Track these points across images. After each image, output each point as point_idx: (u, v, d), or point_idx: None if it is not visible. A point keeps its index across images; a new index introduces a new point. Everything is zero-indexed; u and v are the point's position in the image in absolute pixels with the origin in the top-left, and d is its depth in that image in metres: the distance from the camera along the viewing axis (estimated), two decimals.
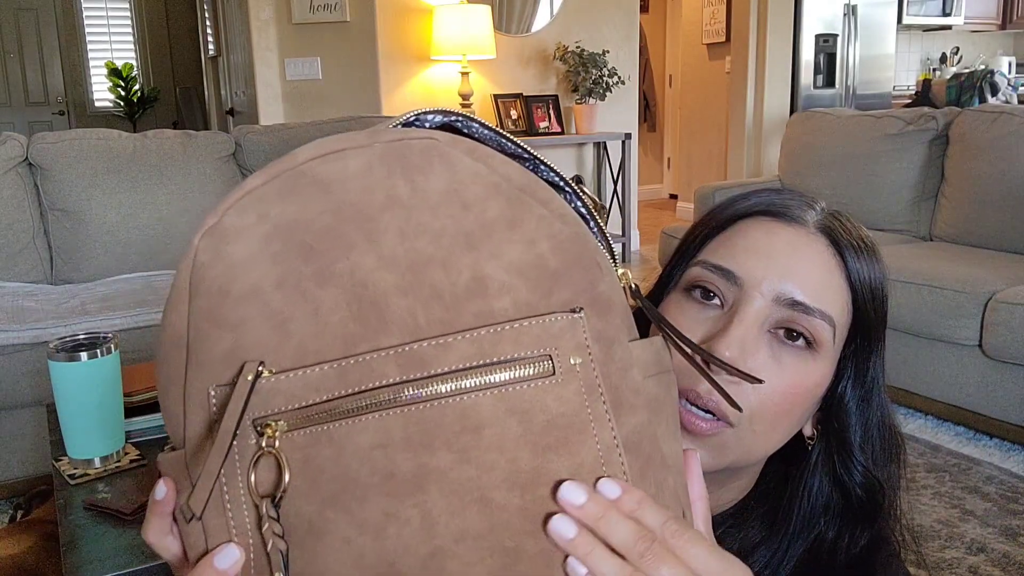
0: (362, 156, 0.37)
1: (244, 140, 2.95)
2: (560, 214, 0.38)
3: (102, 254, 2.66)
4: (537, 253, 0.37)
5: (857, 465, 0.57)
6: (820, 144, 3.51)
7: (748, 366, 0.51)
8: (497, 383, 0.36)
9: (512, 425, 0.36)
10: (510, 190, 0.37)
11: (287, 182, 0.37)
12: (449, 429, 0.36)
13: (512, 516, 0.36)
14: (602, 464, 0.37)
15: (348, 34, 4.05)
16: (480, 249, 0.37)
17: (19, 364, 2.10)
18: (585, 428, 0.37)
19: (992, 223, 2.87)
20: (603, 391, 0.37)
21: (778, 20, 5.13)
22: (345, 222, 0.37)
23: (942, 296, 2.46)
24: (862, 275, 0.55)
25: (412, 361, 0.36)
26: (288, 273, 0.37)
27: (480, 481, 0.36)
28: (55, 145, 2.63)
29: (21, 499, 1.82)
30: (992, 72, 5.31)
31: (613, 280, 0.39)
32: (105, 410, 1.26)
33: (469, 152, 0.38)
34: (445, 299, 0.37)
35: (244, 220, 0.37)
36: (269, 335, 0.37)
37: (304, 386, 0.37)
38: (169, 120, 7.28)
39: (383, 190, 0.37)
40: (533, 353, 0.36)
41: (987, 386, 2.40)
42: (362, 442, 0.36)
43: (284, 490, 0.37)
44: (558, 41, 4.45)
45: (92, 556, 1.03)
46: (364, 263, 0.37)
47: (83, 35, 7.15)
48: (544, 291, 0.37)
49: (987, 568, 1.79)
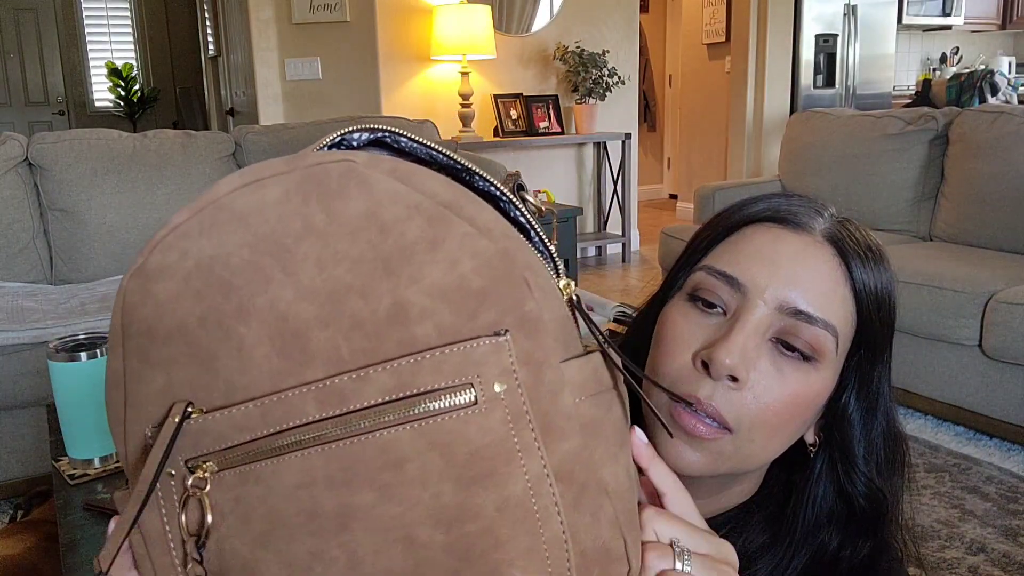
0: (279, 185, 0.36)
1: (244, 140, 2.95)
2: (487, 230, 0.36)
3: (102, 254, 2.66)
4: (459, 274, 0.35)
5: (860, 476, 0.57)
6: (820, 144, 3.51)
7: (748, 375, 0.51)
8: (416, 416, 0.35)
9: (434, 459, 0.35)
10: (432, 208, 0.35)
11: (207, 216, 0.37)
12: (370, 465, 0.35)
13: (436, 553, 0.35)
14: (531, 496, 0.35)
15: (348, 34, 4.05)
16: (399, 274, 0.35)
17: (19, 364, 2.10)
18: (512, 459, 0.35)
19: (992, 223, 2.87)
20: (531, 418, 0.35)
21: (778, 20, 5.13)
22: (262, 255, 0.36)
23: (942, 296, 2.46)
24: (868, 285, 0.54)
25: (331, 396, 0.35)
26: (210, 310, 0.37)
27: (404, 519, 0.35)
28: (55, 145, 2.64)
29: (21, 499, 1.82)
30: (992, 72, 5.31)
31: (545, 296, 0.36)
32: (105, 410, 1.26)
33: (390, 172, 0.36)
34: (366, 328, 0.35)
35: (167, 258, 0.37)
36: (197, 373, 0.37)
37: (230, 426, 0.36)
38: (169, 120, 7.28)
39: (299, 219, 0.36)
40: (454, 382, 0.35)
41: (987, 386, 2.40)
42: (287, 481, 0.36)
43: (207, 531, 0.37)
44: (558, 41, 4.45)
45: (92, 556, 1.03)
46: (283, 296, 0.36)
47: (83, 35, 7.15)
48: (468, 313, 0.35)
49: (987, 568, 1.79)
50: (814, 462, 0.58)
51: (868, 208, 3.30)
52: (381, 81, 4.06)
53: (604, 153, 4.76)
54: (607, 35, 4.63)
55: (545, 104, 4.45)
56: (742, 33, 5.22)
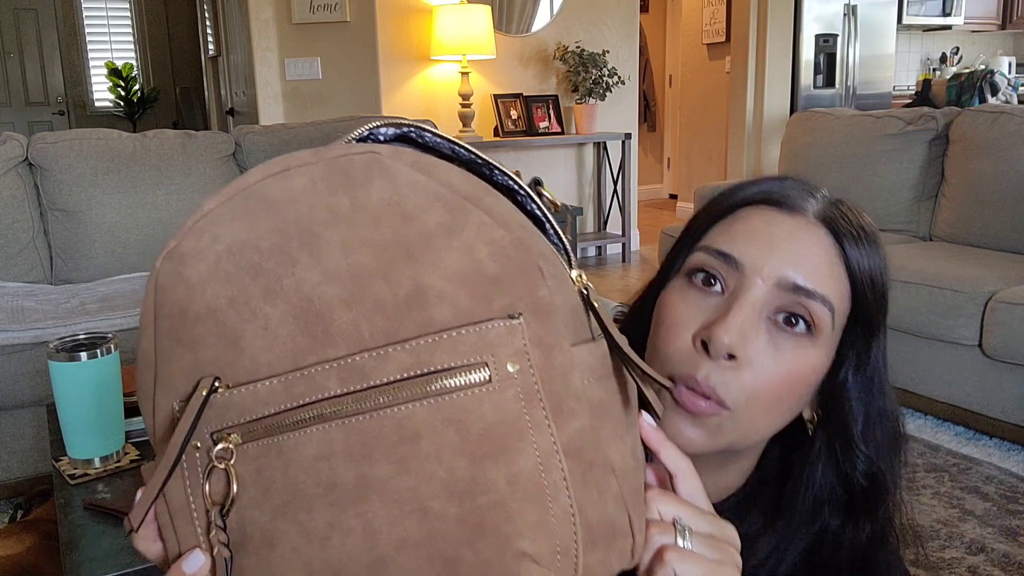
0: (306, 174, 0.38)
1: (244, 140, 2.95)
2: (503, 220, 0.38)
3: (102, 254, 2.66)
4: (476, 260, 0.37)
5: (859, 454, 0.58)
6: (820, 144, 3.51)
7: (747, 353, 0.52)
8: (433, 392, 0.36)
9: (449, 435, 0.36)
10: (452, 198, 0.37)
11: (238, 203, 0.39)
12: (388, 440, 0.37)
13: (450, 525, 0.37)
14: (541, 471, 0.37)
15: (348, 34, 4.05)
16: (420, 259, 0.37)
17: (19, 364, 2.10)
18: (523, 435, 0.37)
19: (992, 223, 2.87)
20: (542, 397, 0.37)
21: (778, 20, 5.13)
22: (290, 239, 0.38)
23: (942, 296, 2.46)
24: (861, 263, 0.56)
25: (352, 373, 0.37)
26: (239, 291, 0.39)
27: (419, 491, 0.37)
28: (55, 145, 2.64)
29: (21, 499, 1.82)
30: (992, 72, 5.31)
31: (558, 284, 0.38)
32: (105, 410, 1.26)
33: (412, 164, 0.38)
34: (387, 310, 0.37)
35: (199, 243, 0.39)
36: (224, 351, 0.39)
37: (254, 400, 0.38)
38: (169, 120, 7.28)
39: (326, 206, 0.38)
40: (469, 361, 0.36)
41: (987, 386, 2.40)
42: (307, 454, 0.38)
43: (232, 501, 0.39)
44: (558, 41, 4.45)
45: (92, 556, 1.03)
46: (309, 278, 0.38)
47: (83, 35, 7.14)
48: (483, 298, 0.37)
49: (987, 568, 1.79)
50: (812, 440, 0.59)
51: (868, 208, 3.26)
52: (381, 81, 4.06)
53: (604, 153, 4.76)
54: (607, 35, 4.63)
55: (545, 104, 4.45)
56: (742, 33, 5.22)
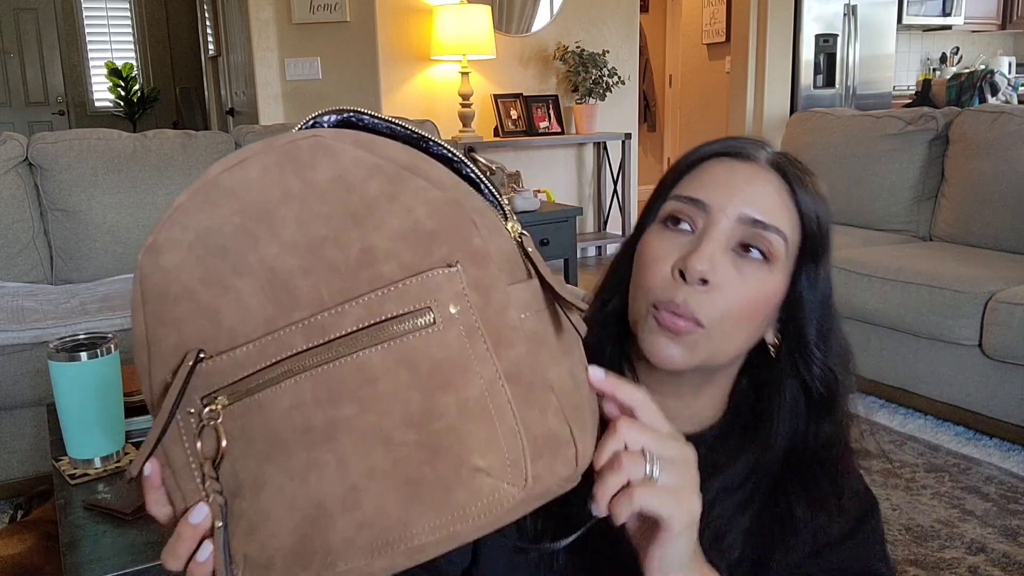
0: (259, 162, 0.43)
1: (244, 140, 2.95)
2: (438, 182, 0.43)
3: (102, 254, 2.66)
4: (415, 218, 0.42)
5: (815, 360, 0.66)
6: (820, 144, 3.51)
7: (717, 278, 0.61)
8: (385, 338, 0.41)
9: (402, 373, 0.42)
10: (390, 168, 0.43)
11: (202, 194, 0.44)
12: (350, 384, 0.42)
13: (411, 451, 0.42)
14: (487, 395, 0.42)
15: (348, 34, 4.05)
16: (365, 224, 0.42)
17: (19, 364, 2.10)
18: (468, 366, 0.42)
19: (992, 223, 2.87)
20: (483, 332, 0.42)
21: (778, 20, 5.13)
22: (250, 220, 0.43)
23: (942, 296, 2.46)
24: (807, 201, 0.65)
25: (315, 330, 0.42)
26: (210, 271, 0.44)
27: (381, 424, 0.42)
28: (55, 145, 2.63)
29: (21, 499, 1.82)
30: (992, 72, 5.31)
31: (492, 233, 0.43)
32: (105, 410, 1.26)
33: (353, 142, 0.43)
34: (342, 272, 0.42)
35: (172, 234, 0.44)
36: (205, 326, 0.44)
37: (234, 364, 0.44)
38: (169, 120, 7.28)
39: (279, 187, 0.43)
40: (415, 307, 0.42)
41: (987, 386, 2.40)
42: (283, 404, 0.43)
43: (222, 454, 0.44)
44: (558, 41, 4.45)
45: (92, 556, 1.03)
46: (270, 252, 0.43)
47: (83, 35, 7.14)
48: (424, 251, 0.42)
49: (987, 568, 1.79)
50: (777, 359, 0.68)
51: (868, 208, 3.30)
52: (381, 81, 4.06)
53: (604, 153, 4.76)
54: (607, 35, 4.63)
55: (545, 104, 4.45)
56: (742, 33, 5.22)
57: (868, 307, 2.67)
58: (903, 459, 2.34)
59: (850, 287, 2.73)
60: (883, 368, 2.69)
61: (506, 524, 0.42)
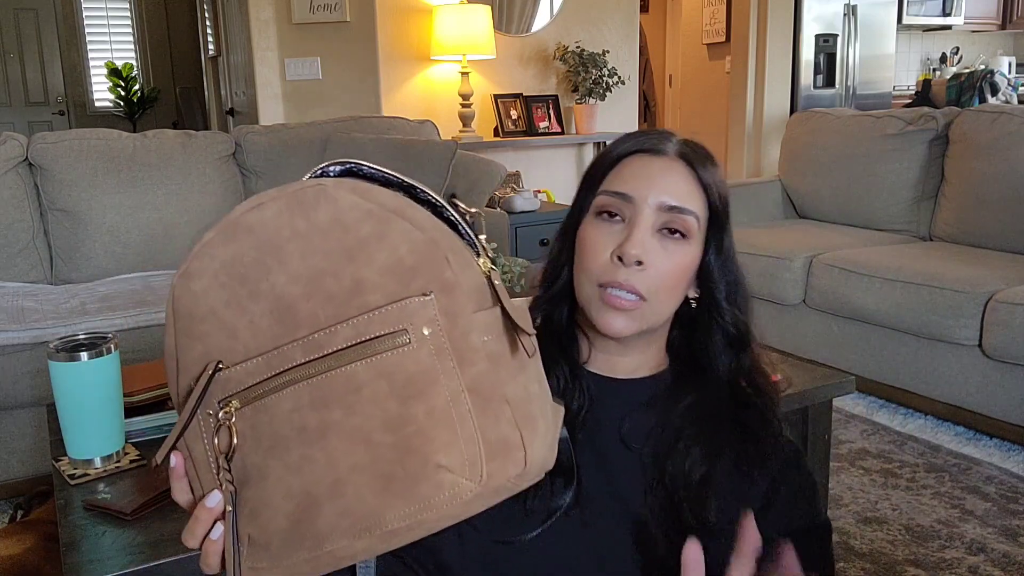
0: (275, 205, 0.52)
1: (244, 140, 2.95)
2: (420, 225, 0.51)
3: (102, 254, 2.66)
4: (398, 256, 0.51)
5: (726, 311, 0.81)
6: (820, 144, 3.51)
7: (649, 258, 0.75)
8: (368, 354, 0.50)
9: (382, 384, 0.49)
10: (380, 213, 0.51)
11: (227, 231, 0.53)
12: (339, 391, 0.50)
13: (387, 450, 0.49)
14: (451, 405, 0.50)
15: (348, 34, 4.05)
16: (357, 259, 0.51)
17: (19, 364, 2.10)
18: (436, 380, 0.50)
19: (992, 223, 2.87)
20: (450, 351, 0.50)
21: (778, 20, 5.13)
22: (265, 254, 0.52)
23: (942, 296, 2.46)
24: (709, 181, 0.79)
25: (312, 346, 0.51)
26: (232, 295, 0.53)
27: (363, 427, 0.50)
28: (55, 145, 2.63)
29: (21, 499, 1.82)
30: (992, 72, 5.31)
31: (463, 268, 0.51)
32: (105, 410, 1.26)
33: (351, 190, 0.52)
34: (336, 299, 0.51)
35: (201, 264, 0.53)
36: (224, 341, 0.53)
37: (246, 374, 0.52)
38: (169, 120, 7.27)
39: (288, 227, 0.52)
40: (395, 329, 0.50)
41: (987, 386, 2.40)
42: (284, 408, 0.51)
43: (233, 449, 0.53)
44: (558, 41, 4.45)
45: (92, 556, 1.03)
46: (279, 281, 0.52)
47: (83, 35, 7.14)
48: (404, 283, 0.50)
49: (987, 568, 1.79)
50: (699, 312, 0.82)
51: (868, 208, 3.29)
52: (381, 81, 4.06)
53: None
54: (607, 35, 4.62)
55: (545, 104, 4.45)
56: (742, 33, 5.22)
57: (868, 307, 2.67)
58: (903, 459, 2.34)
59: (850, 287, 2.73)
60: (883, 368, 2.69)
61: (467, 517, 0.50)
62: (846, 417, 2.63)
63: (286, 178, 3.01)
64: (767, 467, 0.78)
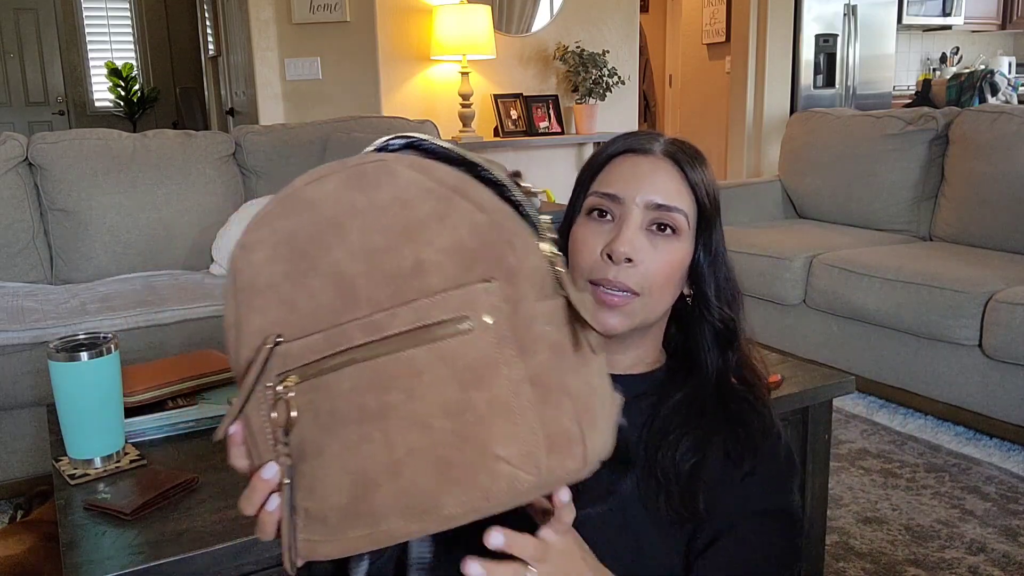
0: (335, 179, 0.51)
1: (244, 140, 2.95)
2: (482, 206, 0.49)
3: (102, 254, 2.66)
4: (459, 238, 0.49)
5: (714, 309, 0.82)
6: (820, 144, 3.51)
7: (638, 255, 0.77)
8: (429, 339, 0.48)
9: (443, 370, 0.48)
10: (441, 191, 0.49)
11: (287, 203, 0.52)
12: (399, 374, 0.49)
13: (446, 435, 0.48)
14: (512, 395, 0.49)
15: (348, 34, 4.05)
16: (418, 239, 0.49)
17: (19, 364, 2.10)
18: (497, 369, 0.48)
19: (992, 223, 2.87)
20: (511, 340, 0.49)
21: (778, 20, 5.13)
22: (325, 228, 0.51)
23: (942, 296, 2.46)
24: (698, 179, 0.80)
25: (371, 327, 0.50)
26: (291, 269, 0.51)
27: (422, 411, 0.49)
28: (55, 145, 2.63)
29: (21, 499, 1.82)
30: (992, 72, 5.31)
31: (526, 254, 0.50)
32: (105, 410, 1.26)
33: (411, 166, 0.50)
34: (396, 279, 0.50)
35: (261, 235, 0.52)
36: (284, 314, 0.52)
37: (306, 349, 0.51)
38: (169, 120, 7.27)
39: (348, 202, 0.50)
40: (456, 315, 0.48)
41: (987, 386, 2.40)
42: (343, 387, 0.50)
43: (291, 424, 0.52)
44: (558, 41, 4.45)
45: (92, 556, 1.03)
46: (339, 257, 0.50)
47: (83, 35, 7.14)
48: (466, 267, 0.49)
49: (987, 568, 1.79)
50: (692, 309, 0.84)
51: (868, 208, 3.29)
52: (381, 81, 4.06)
53: None
54: (607, 35, 4.62)
55: (545, 104, 4.45)
56: (742, 33, 5.22)
57: (868, 307, 2.67)
58: (903, 459, 2.34)
59: (850, 287, 2.73)
60: (883, 368, 2.69)
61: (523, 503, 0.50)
62: (846, 417, 2.63)
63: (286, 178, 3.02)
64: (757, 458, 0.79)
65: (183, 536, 1.05)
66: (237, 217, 2.68)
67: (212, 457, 1.29)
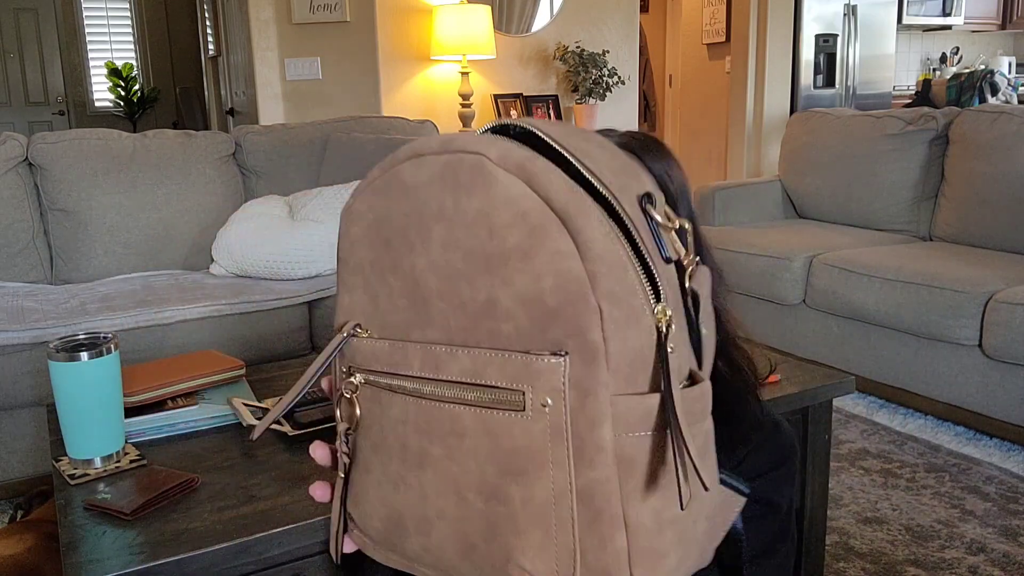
0: (433, 166, 0.43)
1: (244, 140, 2.95)
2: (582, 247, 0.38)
3: (102, 254, 2.66)
4: (540, 288, 0.39)
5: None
6: (820, 144, 3.51)
7: None
8: (478, 402, 0.41)
9: (485, 442, 0.41)
10: (536, 218, 0.39)
11: (387, 181, 0.45)
12: (443, 427, 0.43)
13: (475, 516, 0.43)
14: (553, 503, 0.40)
15: (348, 34, 4.05)
16: (496, 274, 0.40)
17: (19, 364, 2.10)
18: (543, 466, 0.40)
19: (992, 223, 2.87)
20: (568, 437, 0.39)
21: (778, 20, 5.13)
22: (411, 225, 0.44)
23: (942, 296, 2.46)
24: (660, 172, 0.80)
25: (429, 361, 0.43)
26: (377, 257, 0.46)
27: (459, 479, 0.43)
28: (55, 145, 2.63)
29: (21, 499, 1.82)
30: (992, 72, 5.31)
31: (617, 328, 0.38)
32: (105, 410, 1.26)
33: (517, 168, 0.40)
34: (468, 311, 0.42)
35: (361, 206, 0.47)
36: (367, 303, 0.48)
37: (373, 352, 0.47)
38: (169, 120, 7.28)
39: (437, 202, 0.42)
40: (512, 386, 0.40)
41: (987, 386, 2.40)
42: (393, 414, 0.46)
43: (356, 423, 0.49)
44: (558, 41, 4.45)
45: (92, 556, 1.03)
46: (419, 264, 0.44)
47: (83, 35, 7.14)
48: (540, 326, 0.39)
49: (987, 568, 1.79)
50: None
51: (868, 208, 3.29)
52: (381, 81, 4.06)
53: None
54: (607, 35, 4.63)
55: (545, 104, 4.45)
56: (742, 33, 5.22)
57: (868, 307, 2.67)
58: (903, 459, 2.34)
59: (850, 287, 2.73)
60: (883, 368, 2.69)
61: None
62: (846, 417, 2.63)
63: (286, 178, 3.01)
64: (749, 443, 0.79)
65: (183, 536, 1.05)
66: (237, 217, 2.68)
67: (212, 457, 1.29)
